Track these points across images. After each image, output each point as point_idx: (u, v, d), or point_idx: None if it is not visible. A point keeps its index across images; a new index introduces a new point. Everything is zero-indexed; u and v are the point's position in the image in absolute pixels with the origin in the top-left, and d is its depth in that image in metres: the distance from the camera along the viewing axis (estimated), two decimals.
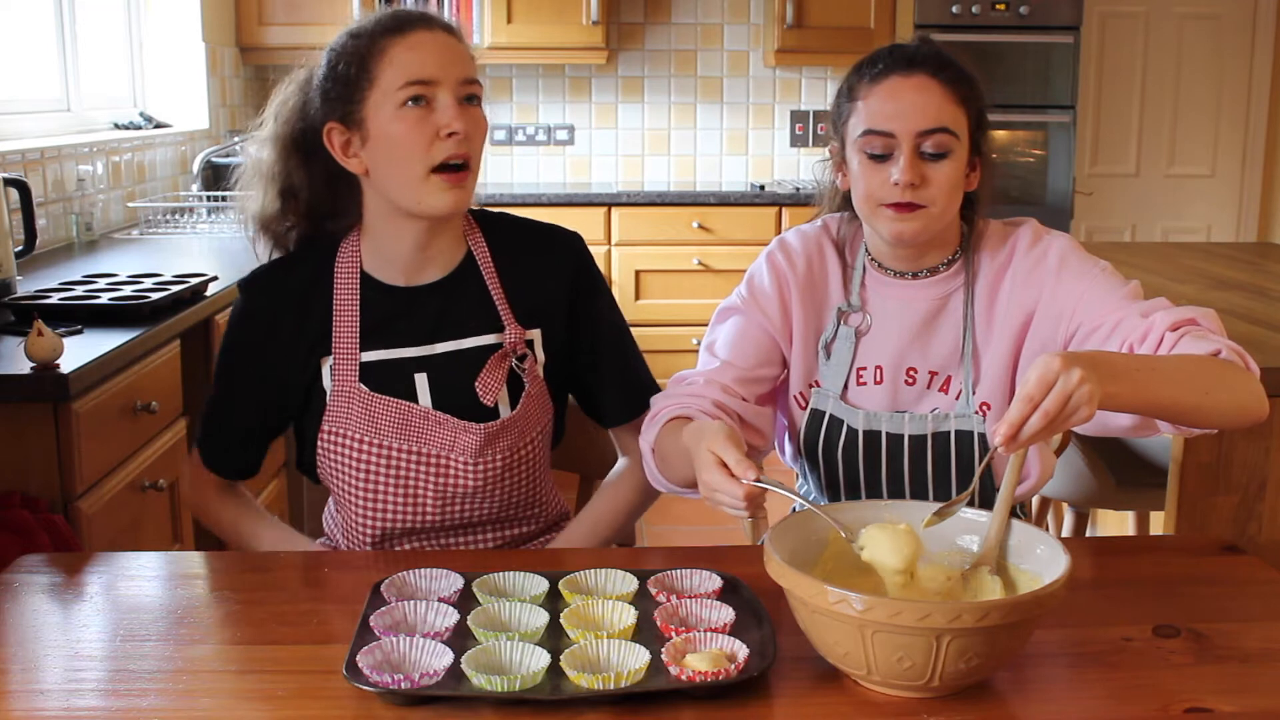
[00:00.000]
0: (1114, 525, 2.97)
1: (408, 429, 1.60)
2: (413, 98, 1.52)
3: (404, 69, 1.53)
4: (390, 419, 1.60)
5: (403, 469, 1.60)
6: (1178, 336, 1.44)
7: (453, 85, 1.54)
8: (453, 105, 1.53)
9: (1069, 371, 1.20)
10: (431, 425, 1.60)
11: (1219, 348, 1.41)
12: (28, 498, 1.91)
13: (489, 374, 1.61)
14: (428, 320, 1.63)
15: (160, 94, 4.28)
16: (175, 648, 1.27)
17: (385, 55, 1.54)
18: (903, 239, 1.57)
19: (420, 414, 1.60)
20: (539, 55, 4.85)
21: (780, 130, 5.29)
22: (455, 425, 1.60)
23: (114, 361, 2.09)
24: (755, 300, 1.67)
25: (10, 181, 2.60)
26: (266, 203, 1.66)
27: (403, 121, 1.53)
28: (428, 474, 1.60)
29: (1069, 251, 1.60)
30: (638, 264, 4.71)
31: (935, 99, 1.53)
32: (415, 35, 1.55)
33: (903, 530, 1.24)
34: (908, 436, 1.62)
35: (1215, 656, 1.23)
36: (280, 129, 1.64)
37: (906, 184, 1.52)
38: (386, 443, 1.60)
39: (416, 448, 1.60)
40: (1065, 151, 4.96)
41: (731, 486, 1.27)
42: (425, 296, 1.63)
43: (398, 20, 1.57)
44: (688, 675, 1.13)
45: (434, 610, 1.25)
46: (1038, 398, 1.20)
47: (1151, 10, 5.39)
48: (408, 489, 1.61)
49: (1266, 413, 1.42)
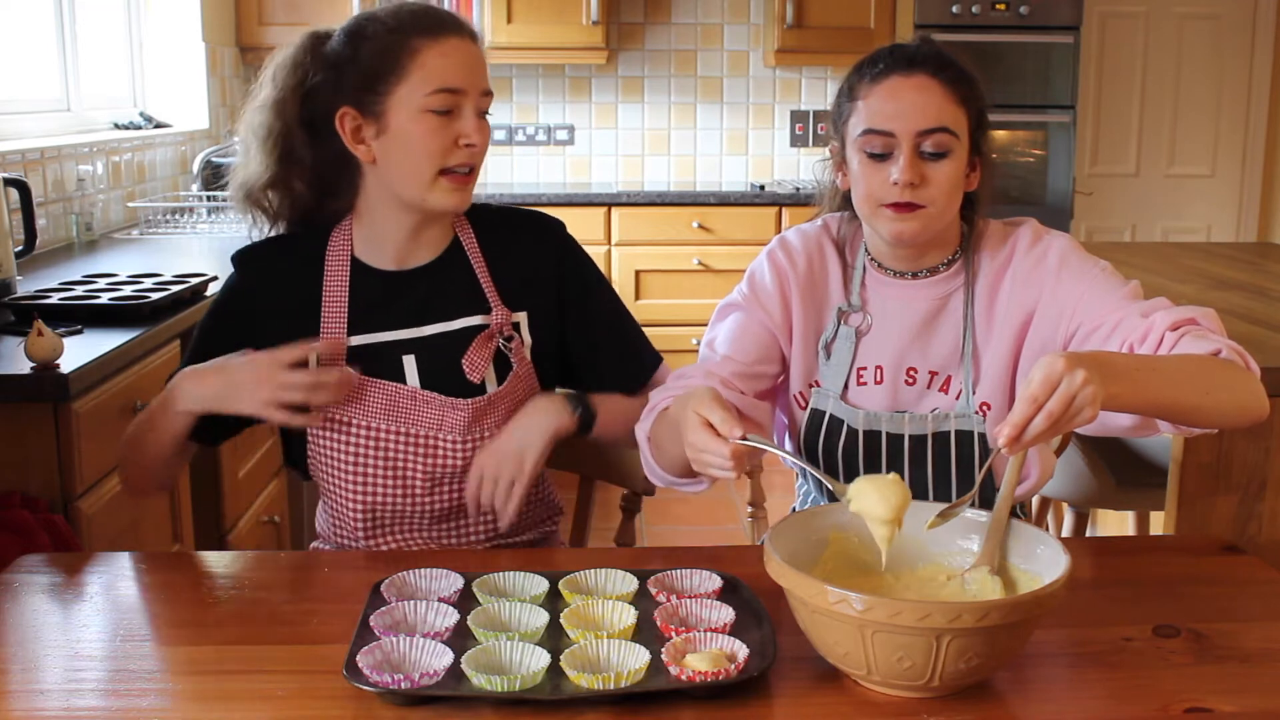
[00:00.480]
0: (1114, 525, 2.97)
1: (396, 410, 1.61)
2: (440, 104, 1.55)
3: (436, 75, 1.55)
4: (378, 400, 1.61)
5: (392, 450, 1.61)
6: (1178, 336, 1.44)
7: (476, 97, 1.58)
8: (474, 116, 1.57)
9: (1073, 372, 1.20)
10: (419, 405, 1.61)
11: (1219, 347, 1.41)
12: (28, 498, 1.91)
13: (475, 352, 1.63)
14: (416, 303, 1.65)
15: (160, 94, 4.28)
16: (175, 648, 1.27)
17: (418, 56, 1.55)
18: (902, 239, 1.57)
19: (408, 394, 1.62)
20: (539, 55, 4.85)
21: (780, 130, 5.29)
22: (442, 403, 1.62)
23: (114, 361, 2.09)
24: (756, 297, 1.67)
25: (10, 181, 2.60)
26: (256, 170, 1.64)
27: (424, 124, 1.55)
28: (416, 455, 1.61)
29: (1069, 251, 1.60)
30: (638, 264, 4.71)
31: (935, 99, 1.53)
32: (450, 41, 1.57)
33: (890, 480, 1.23)
34: (908, 436, 1.62)
35: (1215, 656, 1.23)
36: (280, 95, 1.62)
37: (906, 183, 1.52)
38: (375, 424, 1.61)
39: (405, 428, 1.61)
40: (1065, 151, 4.96)
41: (718, 445, 1.27)
42: (414, 280, 1.66)
43: (434, 21, 1.57)
44: (688, 675, 1.13)
45: (434, 610, 1.25)
46: (1041, 398, 1.20)
47: (1151, 10, 5.39)
48: (397, 471, 1.61)
49: (1267, 412, 1.42)
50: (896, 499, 1.22)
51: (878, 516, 1.22)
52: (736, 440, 1.26)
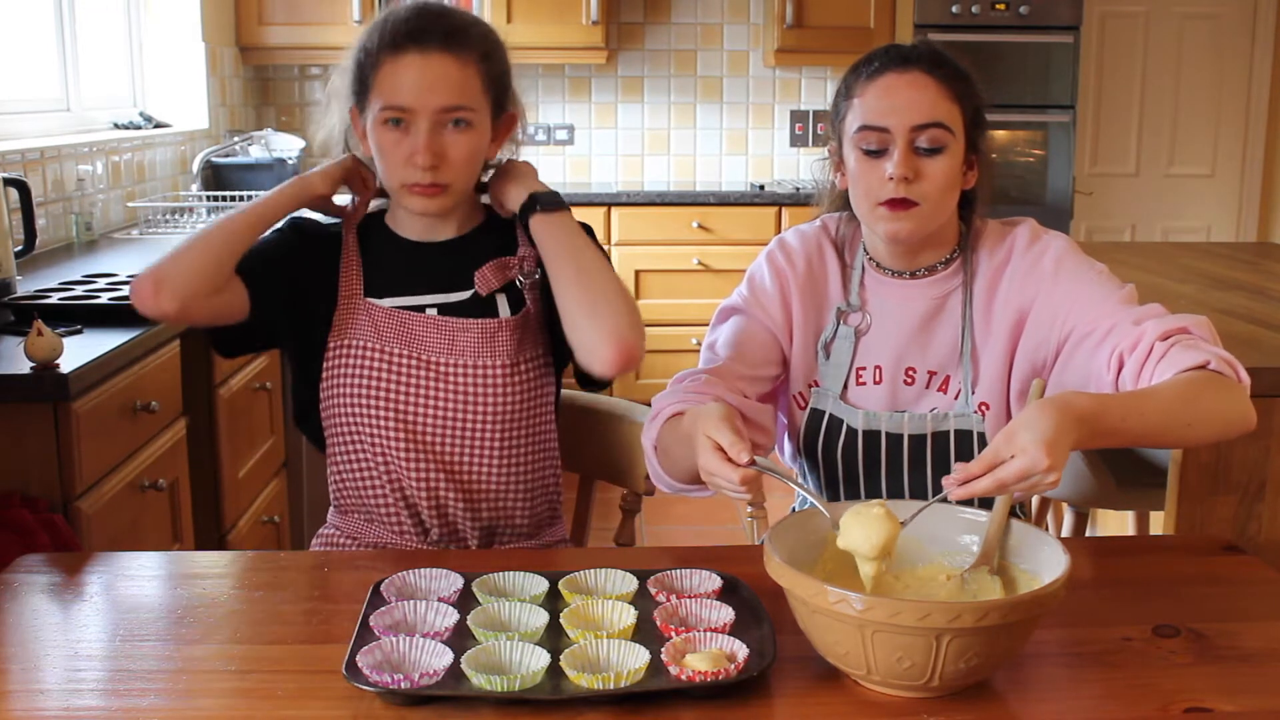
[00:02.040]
0: (1114, 525, 2.97)
1: (408, 335, 1.65)
2: (391, 119, 1.59)
3: (385, 92, 1.59)
4: (392, 326, 1.65)
5: (404, 374, 1.64)
6: (1167, 346, 1.43)
7: (429, 114, 1.58)
8: (425, 134, 1.58)
9: (1041, 459, 1.19)
10: (431, 330, 1.65)
11: (1208, 358, 1.40)
12: (28, 497, 1.91)
13: (490, 269, 1.67)
14: (442, 273, 1.68)
15: (160, 94, 4.28)
16: (175, 648, 1.27)
17: (379, 70, 1.59)
18: (898, 239, 1.57)
19: (421, 321, 1.65)
20: (539, 55, 4.85)
21: (780, 130, 5.29)
22: (452, 325, 1.65)
23: (114, 361, 2.09)
24: (756, 299, 1.68)
25: (10, 181, 2.60)
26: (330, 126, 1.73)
27: (383, 137, 1.60)
28: (428, 379, 1.64)
29: (1066, 253, 1.60)
30: (638, 264, 4.71)
31: (930, 94, 1.54)
32: (405, 58, 1.58)
33: (877, 515, 1.20)
34: (907, 436, 1.62)
35: (1215, 656, 1.23)
36: (341, 69, 1.69)
37: (900, 178, 1.52)
38: (389, 348, 1.64)
39: (418, 353, 1.64)
40: (1065, 151, 4.97)
41: (728, 471, 1.28)
42: (440, 252, 1.70)
43: (400, 34, 1.59)
44: (688, 675, 1.13)
45: (434, 610, 1.25)
46: (1000, 473, 1.20)
47: (1151, 10, 5.39)
48: (409, 397, 1.64)
49: (1252, 426, 1.42)
50: (880, 537, 1.20)
51: (862, 555, 1.22)
52: (744, 465, 1.27)
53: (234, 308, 1.63)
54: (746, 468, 1.27)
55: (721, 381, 1.61)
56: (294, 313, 1.68)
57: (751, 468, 1.27)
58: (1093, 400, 1.31)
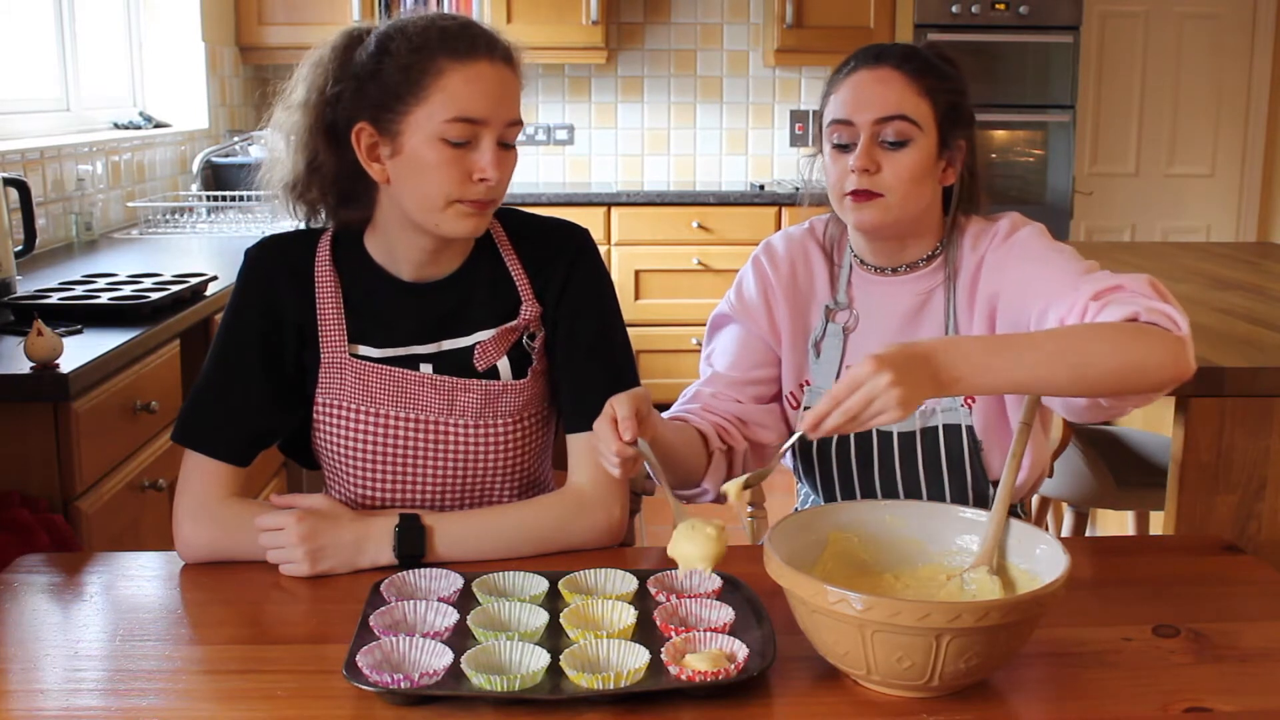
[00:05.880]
0: (1114, 525, 2.97)
1: (403, 396, 1.54)
2: (457, 134, 1.44)
3: (457, 102, 1.43)
4: (385, 386, 1.54)
5: (401, 438, 1.54)
6: (1101, 305, 1.40)
7: (499, 127, 1.46)
8: (493, 149, 1.45)
9: (877, 375, 1.21)
10: (426, 389, 1.54)
11: (1137, 311, 1.37)
12: (27, 497, 1.91)
13: (493, 341, 1.56)
14: (433, 319, 1.57)
15: (160, 94, 4.28)
16: (175, 648, 1.27)
17: (441, 78, 1.43)
18: (863, 227, 1.60)
19: (417, 380, 1.54)
20: (539, 55, 4.79)
21: (780, 130, 5.29)
22: (452, 385, 1.54)
23: (114, 361, 2.09)
24: (744, 307, 1.72)
25: (10, 181, 2.60)
26: (283, 169, 1.56)
27: (439, 152, 1.44)
28: (425, 440, 1.54)
29: (1032, 238, 1.60)
30: (638, 264, 4.71)
31: (895, 89, 1.56)
32: (477, 66, 1.45)
33: (709, 535, 1.31)
34: (896, 433, 1.64)
35: (1215, 656, 1.23)
36: (306, 97, 1.53)
37: (860, 169, 1.55)
38: (383, 411, 1.54)
39: (413, 415, 1.54)
40: (1065, 151, 4.97)
41: (611, 441, 1.32)
42: (433, 293, 1.57)
43: (465, 40, 1.46)
44: (687, 675, 1.13)
45: (434, 610, 1.25)
46: (841, 397, 1.23)
47: (1151, 10, 5.39)
48: (406, 460, 1.55)
49: (1186, 374, 1.36)
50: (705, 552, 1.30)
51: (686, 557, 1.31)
52: (626, 441, 1.32)
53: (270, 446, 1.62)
54: (629, 445, 1.32)
55: (713, 391, 1.67)
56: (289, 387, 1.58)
57: (632, 448, 1.32)
58: (942, 339, 1.36)
